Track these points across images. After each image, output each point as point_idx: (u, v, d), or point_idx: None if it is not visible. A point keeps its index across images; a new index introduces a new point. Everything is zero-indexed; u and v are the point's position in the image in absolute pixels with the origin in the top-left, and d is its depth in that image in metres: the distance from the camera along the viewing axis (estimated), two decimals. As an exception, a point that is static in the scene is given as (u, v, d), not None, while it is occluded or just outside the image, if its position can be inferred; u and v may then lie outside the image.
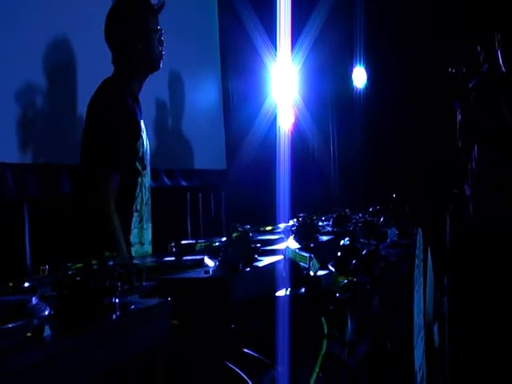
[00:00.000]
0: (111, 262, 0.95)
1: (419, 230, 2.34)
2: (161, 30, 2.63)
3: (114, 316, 0.88)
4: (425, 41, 5.42)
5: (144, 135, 2.55)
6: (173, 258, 1.37)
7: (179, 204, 4.08)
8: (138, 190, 2.49)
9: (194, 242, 1.99)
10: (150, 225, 2.58)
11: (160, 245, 2.47)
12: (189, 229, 4.10)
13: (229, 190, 4.55)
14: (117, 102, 2.43)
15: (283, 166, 4.47)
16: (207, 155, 4.41)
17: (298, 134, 5.23)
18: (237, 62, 4.96)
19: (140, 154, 2.49)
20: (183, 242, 2.09)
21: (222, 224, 4.35)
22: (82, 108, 3.03)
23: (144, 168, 2.53)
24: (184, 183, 4.06)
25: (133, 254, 2.38)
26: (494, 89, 4.07)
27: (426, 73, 5.35)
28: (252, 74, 5.01)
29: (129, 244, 2.41)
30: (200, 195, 4.32)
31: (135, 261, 1.18)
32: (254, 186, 4.66)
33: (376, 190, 5.25)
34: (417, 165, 5.25)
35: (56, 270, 1.09)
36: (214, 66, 4.72)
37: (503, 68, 4.05)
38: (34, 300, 0.91)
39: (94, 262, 0.93)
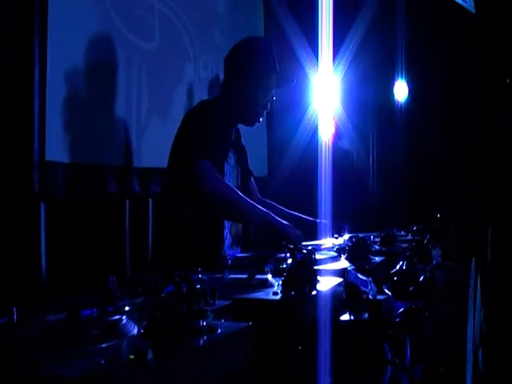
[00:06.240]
0: (198, 285, 0.98)
1: (473, 259, 2.34)
2: (274, 97, 2.57)
3: (203, 340, 0.91)
4: (467, 55, 5.39)
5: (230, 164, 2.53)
6: (243, 277, 1.40)
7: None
8: None
9: (250, 255, 2.03)
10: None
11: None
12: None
13: (269, 197, 4.57)
14: (211, 121, 2.35)
15: (324, 174, 4.47)
16: (250, 162, 4.43)
17: (338, 143, 5.24)
18: (280, 71, 4.98)
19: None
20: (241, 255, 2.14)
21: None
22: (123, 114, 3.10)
23: None
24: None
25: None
26: None
27: (468, 87, 5.33)
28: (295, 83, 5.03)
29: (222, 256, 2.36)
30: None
31: (205, 277, 1.21)
32: (295, 194, 4.67)
33: (416, 203, 5.25)
34: (458, 180, 5.22)
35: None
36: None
37: None
38: (125, 319, 0.94)
39: (182, 283, 0.96)
